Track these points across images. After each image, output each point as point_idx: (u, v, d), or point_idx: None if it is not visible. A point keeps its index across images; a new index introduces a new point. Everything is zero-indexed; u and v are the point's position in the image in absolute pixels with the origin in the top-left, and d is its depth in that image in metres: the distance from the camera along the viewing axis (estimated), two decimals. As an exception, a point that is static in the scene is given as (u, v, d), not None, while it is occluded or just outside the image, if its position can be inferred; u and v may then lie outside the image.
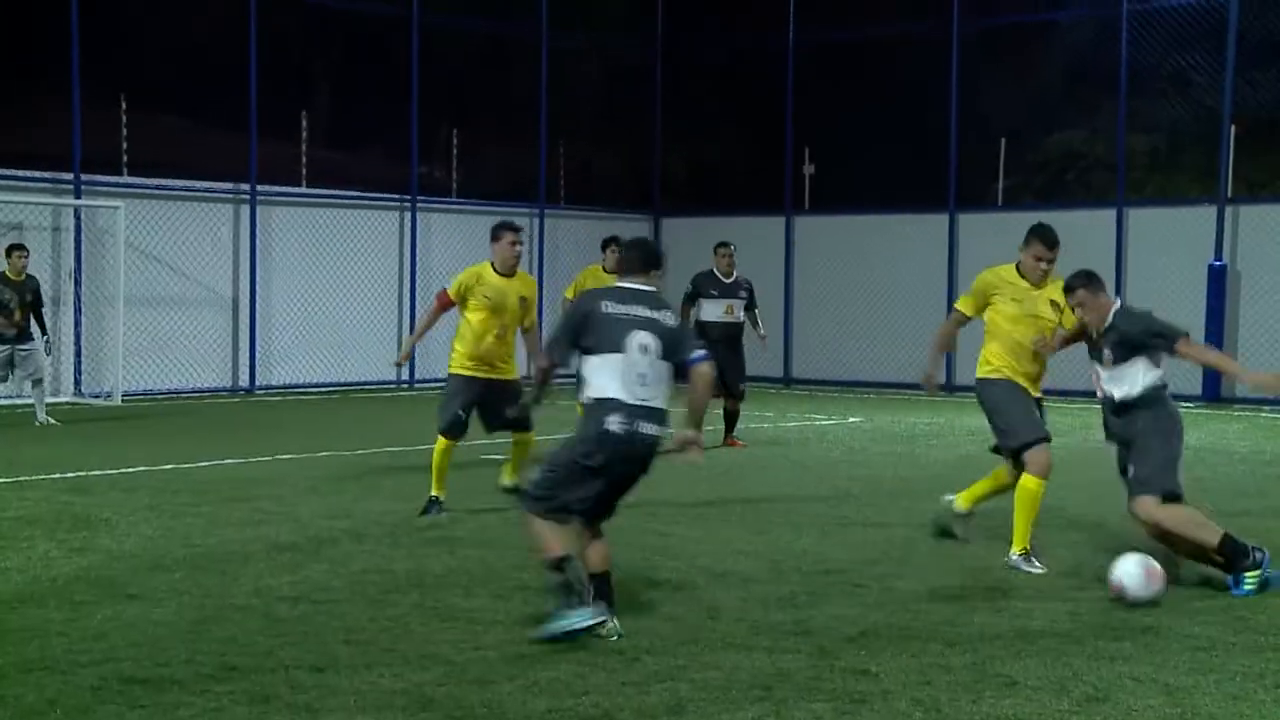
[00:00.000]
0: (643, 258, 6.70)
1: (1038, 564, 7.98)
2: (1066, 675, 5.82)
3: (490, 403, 9.82)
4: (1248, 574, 7.35)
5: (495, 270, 9.91)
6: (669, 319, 6.49)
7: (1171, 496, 7.50)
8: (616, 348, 6.35)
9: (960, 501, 8.73)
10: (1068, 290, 7.90)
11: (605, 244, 14.20)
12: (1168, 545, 7.53)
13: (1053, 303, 8.28)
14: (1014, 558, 8.05)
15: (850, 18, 24.15)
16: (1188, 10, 21.14)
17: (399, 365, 10.44)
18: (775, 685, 5.64)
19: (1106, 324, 7.73)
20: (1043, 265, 8.31)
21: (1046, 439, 8.16)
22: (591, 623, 6.14)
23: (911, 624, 6.69)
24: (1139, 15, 21.31)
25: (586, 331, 6.44)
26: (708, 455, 13.51)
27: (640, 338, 6.37)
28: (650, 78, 25.79)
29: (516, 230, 10.05)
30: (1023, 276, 8.38)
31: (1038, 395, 8.37)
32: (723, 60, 25.98)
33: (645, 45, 25.85)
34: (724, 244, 14.62)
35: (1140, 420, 7.60)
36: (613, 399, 6.33)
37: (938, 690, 5.61)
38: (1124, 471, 7.73)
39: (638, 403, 6.34)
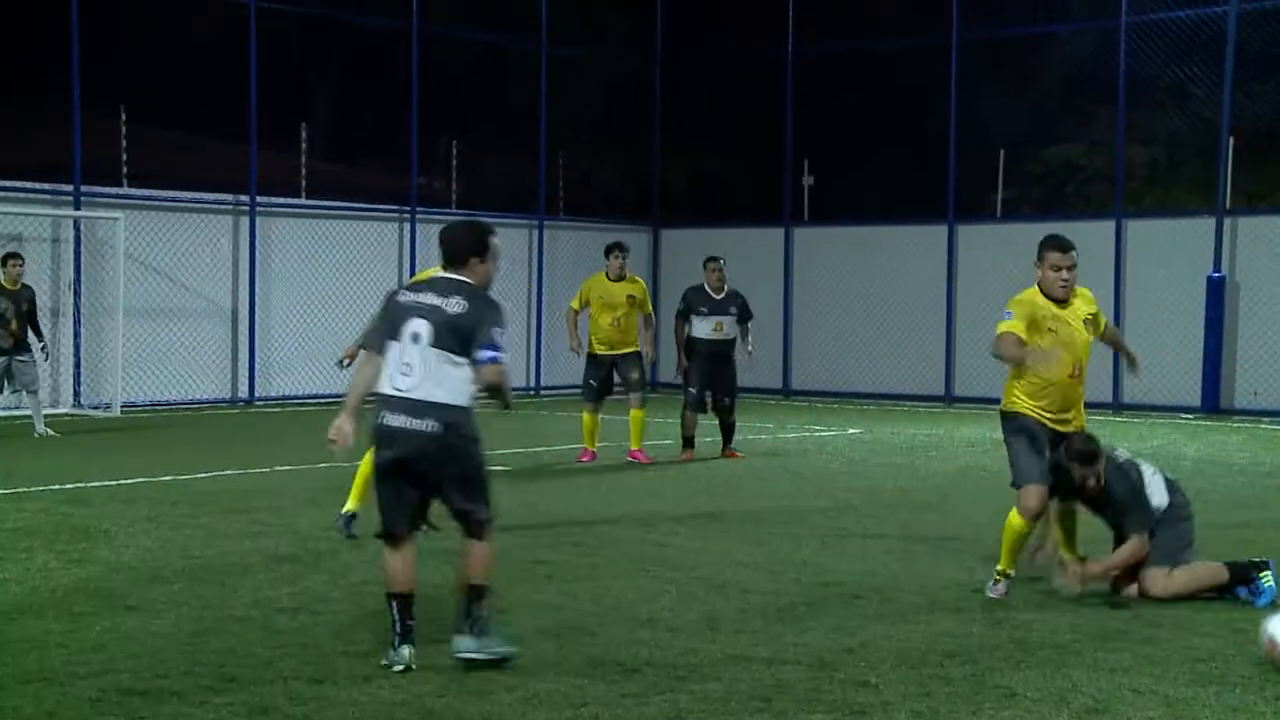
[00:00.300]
0: (460, 243, 6.18)
1: (997, 589, 7.64)
2: (1066, 687, 5.82)
3: None
4: (1262, 575, 7.44)
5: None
6: (455, 307, 5.97)
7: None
8: (394, 336, 6.06)
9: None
10: (1087, 460, 7.51)
11: (608, 250, 14.20)
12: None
13: (1086, 320, 7.73)
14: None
15: (849, 29, 24.19)
16: (1186, 23, 21.17)
17: (343, 364, 10.14)
18: (775, 696, 5.64)
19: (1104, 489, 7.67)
20: (1063, 274, 7.63)
21: (1043, 482, 7.66)
22: (398, 668, 5.89)
23: (911, 635, 6.68)
24: (1137, 27, 21.35)
25: (388, 321, 6.19)
26: (706, 466, 13.67)
27: (413, 325, 5.97)
28: (650, 89, 25.81)
29: None
30: (1048, 297, 7.67)
31: (1074, 429, 7.77)
32: (722, 71, 26.01)
33: (645, 56, 25.88)
34: (713, 259, 14.55)
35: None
36: (378, 392, 6.07)
37: (937, 702, 5.60)
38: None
39: (395, 394, 5.96)
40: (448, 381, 5.96)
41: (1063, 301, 7.69)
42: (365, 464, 9.21)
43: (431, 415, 5.93)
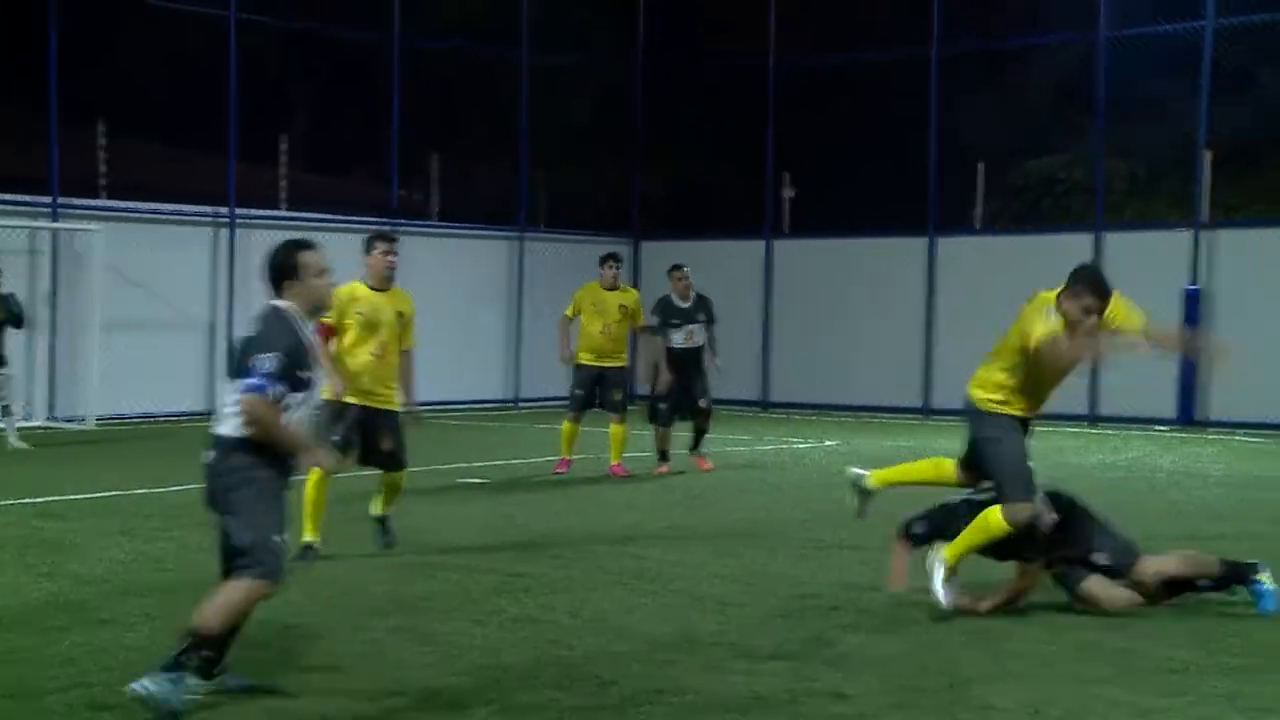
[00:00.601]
0: (271, 268, 5.95)
1: (948, 591, 7.35)
2: (1041, 699, 5.81)
3: (365, 433, 9.15)
4: (1259, 576, 7.37)
5: (368, 285, 9.32)
6: (247, 334, 5.80)
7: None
8: None
9: (873, 479, 8.18)
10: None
11: (603, 260, 14.20)
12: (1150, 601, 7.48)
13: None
14: (935, 561, 7.45)
15: (831, 42, 24.26)
16: (1164, 38, 21.29)
17: None
18: (752, 708, 5.63)
19: None
20: (1092, 319, 7.25)
21: (1034, 494, 7.47)
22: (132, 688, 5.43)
23: (887, 647, 6.68)
24: (1116, 41, 21.45)
25: None
26: (683, 479, 13.64)
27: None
28: (631, 101, 25.84)
29: (391, 240, 9.53)
30: (1063, 316, 7.29)
31: (1036, 414, 7.63)
32: (703, 83, 26.06)
33: (626, 68, 25.90)
34: (677, 267, 14.56)
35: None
36: None
37: (913, 713, 5.60)
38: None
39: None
40: (229, 411, 5.76)
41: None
42: (312, 485, 9.03)
43: (212, 446, 5.76)
